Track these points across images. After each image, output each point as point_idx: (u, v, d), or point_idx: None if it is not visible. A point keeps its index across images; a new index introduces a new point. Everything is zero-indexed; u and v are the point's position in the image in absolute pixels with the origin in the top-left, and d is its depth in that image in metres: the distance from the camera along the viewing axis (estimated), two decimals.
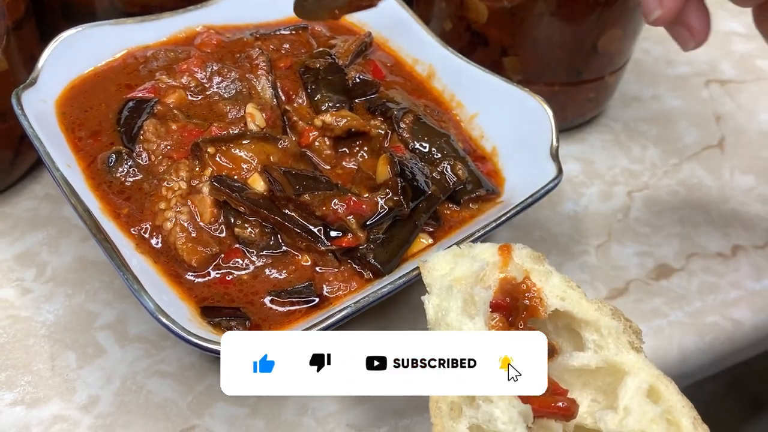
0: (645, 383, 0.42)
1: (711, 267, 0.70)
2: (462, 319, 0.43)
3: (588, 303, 0.45)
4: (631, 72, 0.89)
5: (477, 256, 0.47)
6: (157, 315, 0.45)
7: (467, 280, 0.45)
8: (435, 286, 0.45)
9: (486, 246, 0.47)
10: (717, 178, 0.80)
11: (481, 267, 0.46)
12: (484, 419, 0.40)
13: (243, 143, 0.56)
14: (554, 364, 0.44)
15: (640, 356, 0.43)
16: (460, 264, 0.46)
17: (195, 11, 0.68)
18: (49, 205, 0.67)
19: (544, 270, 0.46)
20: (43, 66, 0.59)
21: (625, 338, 0.44)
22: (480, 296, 0.44)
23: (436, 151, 0.62)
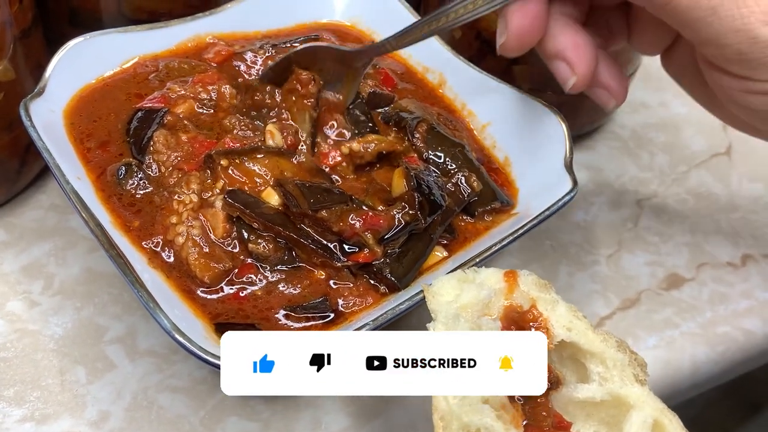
0: (650, 417, 0.42)
1: (721, 277, 0.70)
2: None
3: (594, 334, 0.44)
4: (639, 79, 0.89)
5: (483, 282, 0.46)
6: (174, 334, 0.44)
7: (473, 309, 0.45)
8: (441, 313, 0.45)
9: (491, 272, 0.47)
10: (725, 186, 0.80)
11: (487, 295, 0.45)
12: None
13: (257, 157, 0.55)
14: (558, 396, 0.44)
15: (644, 389, 0.43)
16: (466, 291, 0.46)
17: (203, 18, 0.67)
18: (56, 215, 0.66)
19: (550, 299, 0.46)
20: (50, 75, 0.58)
21: (630, 371, 0.44)
22: (488, 327, 0.43)
23: (451, 161, 0.62)
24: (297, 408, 0.56)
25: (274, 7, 0.70)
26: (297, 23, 0.71)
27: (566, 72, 0.54)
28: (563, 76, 0.54)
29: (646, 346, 0.64)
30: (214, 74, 0.63)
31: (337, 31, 0.72)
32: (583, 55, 0.53)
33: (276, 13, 0.70)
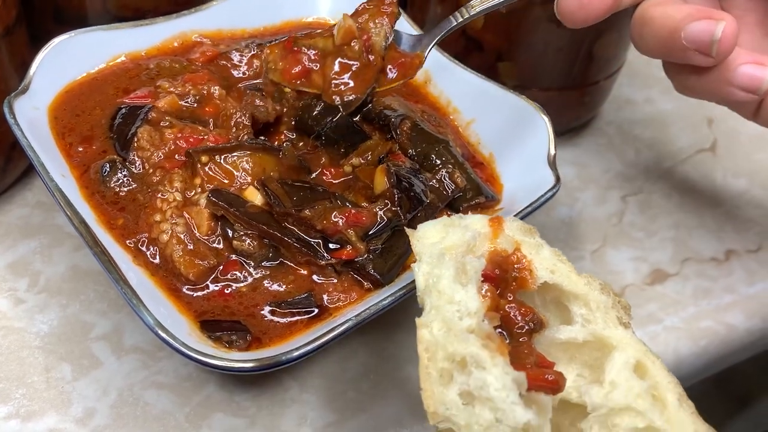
0: (632, 358, 0.42)
1: (705, 272, 0.71)
2: (454, 287, 0.42)
3: (577, 277, 0.45)
4: (625, 75, 0.89)
5: (468, 226, 0.46)
6: (157, 330, 0.44)
7: (458, 249, 0.45)
8: (425, 254, 0.45)
9: (477, 217, 0.47)
10: (710, 182, 0.80)
11: (472, 237, 0.45)
12: (476, 386, 0.39)
13: (239, 154, 0.56)
14: (541, 338, 0.44)
15: (628, 332, 0.43)
16: (452, 233, 0.46)
17: (188, 16, 0.67)
18: (41, 213, 0.66)
19: (534, 242, 0.46)
20: (35, 73, 0.58)
21: (613, 313, 0.44)
22: (472, 265, 0.43)
23: (435, 157, 0.62)
24: (283, 404, 0.56)
25: (259, 5, 0.70)
26: (282, 21, 0.71)
27: (707, 26, 0.49)
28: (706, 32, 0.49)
29: None
30: (204, 74, 0.63)
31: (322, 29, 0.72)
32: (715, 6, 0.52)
33: (261, 11, 0.70)
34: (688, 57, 0.52)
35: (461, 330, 0.40)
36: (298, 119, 0.62)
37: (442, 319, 0.41)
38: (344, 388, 0.57)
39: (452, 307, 0.41)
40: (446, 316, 0.41)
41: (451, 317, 0.41)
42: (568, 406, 0.43)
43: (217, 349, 0.47)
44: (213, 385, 0.56)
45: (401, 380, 0.58)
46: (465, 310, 0.41)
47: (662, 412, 0.40)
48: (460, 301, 0.41)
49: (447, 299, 0.42)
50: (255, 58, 0.67)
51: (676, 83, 0.58)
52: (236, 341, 0.48)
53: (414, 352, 0.59)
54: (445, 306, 0.41)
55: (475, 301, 0.41)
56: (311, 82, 0.59)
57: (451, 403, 0.39)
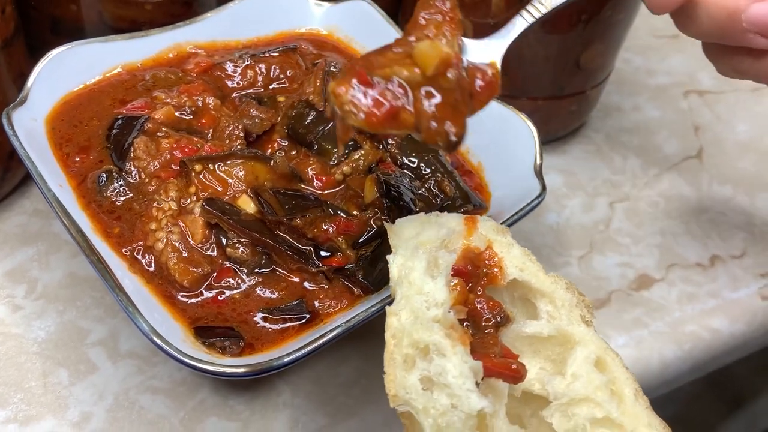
0: (593, 354, 0.44)
1: (690, 277, 0.72)
2: (424, 278, 0.44)
3: (545, 276, 0.47)
4: (613, 82, 0.91)
5: (444, 223, 0.48)
6: (152, 337, 0.45)
7: (433, 244, 0.47)
8: (401, 247, 0.47)
9: (453, 216, 0.49)
10: (696, 188, 0.82)
11: (447, 233, 0.47)
12: (436, 372, 0.41)
13: (232, 162, 0.57)
14: (508, 332, 0.45)
15: (590, 329, 0.45)
16: (427, 229, 0.48)
17: (183, 27, 0.68)
18: (39, 221, 0.67)
19: (506, 241, 0.48)
20: (32, 84, 0.59)
21: (577, 312, 0.46)
22: (444, 259, 0.45)
23: (425, 166, 0.63)
24: (275, 408, 0.57)
25: (253, 16, 0.71)
26: (275, 32, 0.73)
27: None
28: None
29: (615, 345, 0.66)
30: (199, 85, 0.65)
31: (315, 40, 0.73)
32: None
33: (255, 22, 0.72)
34: (747, 40, 0.51)
35: (427, 319, 0.42)
36: (290, 127, 0.64)
37: (411, 308, 0.43)
38: (336, 393, 0.59)
39: (421, 298, 0.43)
40: (415, 305, 0.43)
41: (419, 307, 0.43)
42: (530, 397, 0.45)
43: (210, 354, 0.48)
44: (207, 389, 0.57)
45: None
46: (432, 301, 0.43)
47: (619, 404, 0.43)
48: (428, 292, 0.44)
49: (417, 290, 0.44)
50: (248, 68, 0.69)
51: (722, 66, 0.57)
52: (229, 347, 0.50)
53: None
54: (415, 296, 0.44)
55: (443, 292, 0.43)
56: (401, 122, 0.44)
57: (412, 387, 0.41)
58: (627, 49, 0.98)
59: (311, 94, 0.66)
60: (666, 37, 1.02)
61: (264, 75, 0.69)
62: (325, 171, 0.62)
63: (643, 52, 0.99)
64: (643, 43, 1.00)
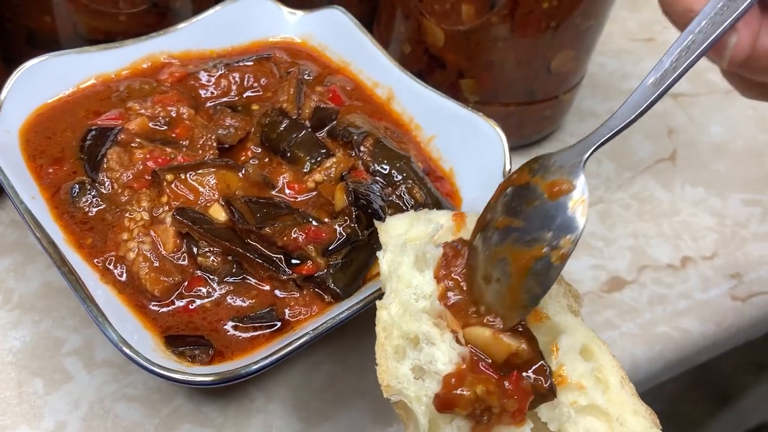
0: (579, 342, 0.44)
1: (661, 279, 0.74)
2: (412, 272, 0.46)
3: None
4: (587, 87, 0.92)
5: (432, 219, 0.50)
6: (122, 347, 0.46)
7: (421, 240, 0.48)
8: (390, 243, 0.48)
9: (442, 212, 0.50)
10: (669, 190, 0.83)
11: (435, 229, 0.49)
12: (426, 360, 0.42)
13: (203, 171, 0.58)
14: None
15: (577, 319, 0.46)
16: (416, 225, 0.49)
17: (157, 38, 0.69)
18: (15, 231, 0.67)
19: None
20: (6, 97, 0.60)
21: (564, 301, 0.47)
22: (431, 253, 0.47)
23: (396, 173, 0.64)
24: (249, 413, 0.58)
25: (227, 26, 0.72)
26: (250, 41, 0.74)
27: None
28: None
29: None
30: (173, 95, 0.65)
31: (289, 48, 0.74)
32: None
33: (229, 31, 0.72)
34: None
35: (416, 310, 0.44)
36: (264, 135, 0.65)
37: (400, 301, 0.45)
38: (309, 398, 0.60)
39: (410, 291, 0.45)
40: (404, 298, 0.45)
41: (408, 299, 0.45)
42: None
43: (180, 363, 0.49)
44: (181, 397, 0.58)
45: (364, 389, 0.60)
46: (421, 293, 0.45)
47: (605, 392, 0.43)
48: (417, 285, 0.45)
49: (405, 283, 0.45)
50: (222, 77, 0.70)
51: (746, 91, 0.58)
52: (199, 355, 0.50)
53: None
54: (404, 290, 0.45)
55: (430, 285, 0.45)
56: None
57: (404, 377, 0.42)
58: (601, 53, 0.99)
59: (285, 102, 0.67)
60: (640, 40, 1.03)
61: (238, 84, 0.70)
62: (297, 179, 0.62)
63: (617, 56, 1.00)
64: (617, 47, 1.01)
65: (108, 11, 0.69)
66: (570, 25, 0.71)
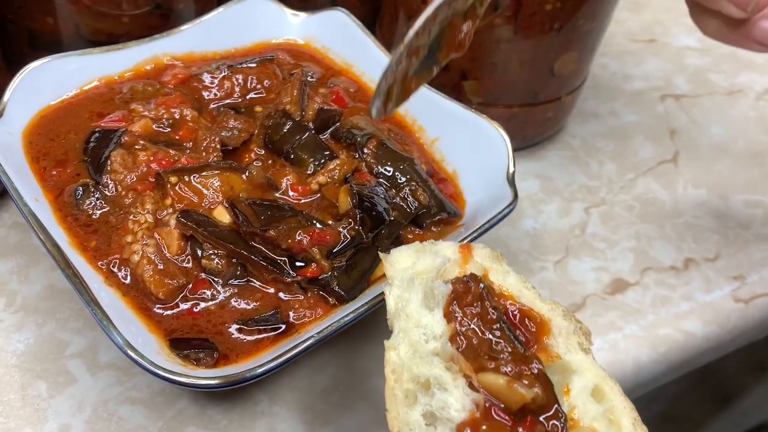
0: (590, 383, 0.44)
1: (664, 280, 0.74)
2: (421, 311, 0.45)
3: (542, 303, 0.47)
4: (590, 88, 0.92)
5: (439, 252, 0.48)
6: (126, 350, 0.46)
7: (428, 274, 0.47)
8: (397, 278, 0.47)
9: (448, 244, 0.49)
10: (671, 192, 0.83)
11: (442, 262, 0.47)
12: (438, 406, 0.41)
13: (207, 173, 0.58)
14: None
15: (588, 357, 0.45)
16: (423, 259, 0.48)
17: (160, 40, 0.69)
18: (18, 233, 0.67)
19: (502, 269, 0.48)
20: (9, 99, 0.60)
21: (575, 339, 0.46)
22: (439, 290, 0.45)
23: (400, 175, 0.64)
24: (253, 417, 0.58)
25: (230, 26, 0.72)
26: (252, 43, 0.74)
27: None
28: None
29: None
30: (177, 97, 0.65)
31: (292, 50, 0.74)
32: None
33: (232, 32, 0.72)
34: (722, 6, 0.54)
35: (426, 352, 0.43)
36: (267, 137, 0.64)
37: (409, 342, 0.43)
38: (313, 401, 0.60)
39: (419, 331, 0.44)
40: (413, 339, 0.43)
41: (418, 340, 0.43)
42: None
43: (184, 366, 0.49)
44: (185, 399, 0.58)
45: (368, 392, 0.60)
46: (431, 333, 0.44)
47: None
48: (426, 325, 0.44)
49: (414, 322, 0.44)
50: (226, 79, 0.70)
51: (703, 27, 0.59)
52: (203, 358, 0.50)
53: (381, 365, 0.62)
54: (413, 329, 0.44)
55: (440, 324, 0.44)
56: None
57: (415, 423, 0.41)
58: (603, 55, 0.99)
59: (288, 103, 0.67)
60: (642, 41, 1.03)
61: (241, 86, 0.70)
62: (301, 181, 0.62)
63: (619, 57, 1.00)
64: (619, 48, 1.02)
65: (111, 13, 0.68)
66: (573, 27, 0.71)
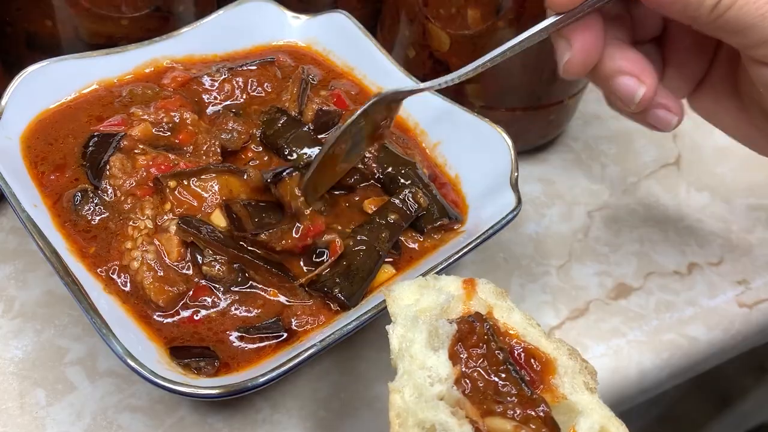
0: (597, 424, 0.43)
1: (668, 285, 0.73)
2: (426, 352, 0.44)
3: (547, 341, 0.46)
4: (591, 90, 0.91)
5: (442, 288, 0.48)
6: (126, 359, 0.45)
7: (432, 312, 0.46)
8: (400, 316, 0.46)
9: (451, 279, 0.49)
10: (674, 196, 0.83)
11: (446, 300, 0.47)
12: None
13: (206, 177, 0.57)
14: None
15: (594, 397, 0.45)
16: (426, 295, 0.47)
17: (160, 42, 0.68)
18: (16, 238, 0.67)
19: (506, 306, 0.48)
20: (7, 103, 0.59)
21: (580, 378, 0.45)
22: (444, 329, 0.45)
23: (401, 178, 0.64)
24: (255, 424, 0.57)
25: (230, 30, 0.71)
26: (253, 45, 0.73)
27: (633, 85, 0.55)
28: (630, 89, 0.55)
29: (594, 354, 0.66)
30: (176, 100, 0.65)
31: (293, 52, 0.73)
32: (645, 67, 0.55)
33: (232, 35, 0.72)
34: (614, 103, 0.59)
35: (432, 396, 0.42)
36: (262, 133, 0.64)
37: (414, 384, 0.43)
38: (315, 408, 0.59)
39: (423, 373, 0.43)
40: (417, 381, 0.43)
41: (422, 383, 0.42)
42: None
43: (185, 375, 0.48)
44: (186, 407, 0.57)
45: (370, 399, 0.60)
46: (436, 376, 0.43)
47: None
48: (431, 367, 0.43)
49: (419, 364, 0.43)
50: (226, 82, 0.69)
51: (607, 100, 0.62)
52: (204, 367, 0.50)
53: (382, 372, 0.61)
54: (417, 371, 0.43)
55: (446, 367, 0.43)
56: None
57: None
58: None
59: (287, 101, 0.67)
60: None
61: (241, 88, 0.69)
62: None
63: None
64: None
65: (110, 15, 0.68)
66: None
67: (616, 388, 0.66)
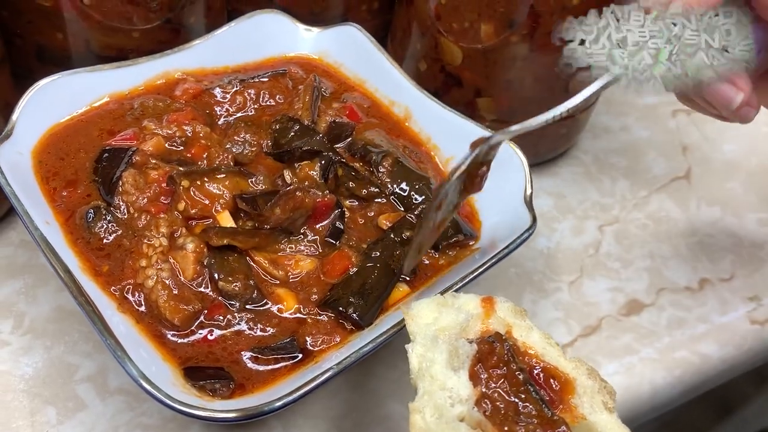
0: None
1: (679, 301, 0.73)
2: (447, 372, 0.44)
3: (566, 361, 0.46)
4: (601, 102, 0.91)
5: (461, 307, 0.48)
6: (141, 382, 0.45)
7: (452, 331, 0.46)
8: (419, 335, 0.46)
9: (470, 297, 0.49)
10: (684, 210, 0.82)
11: (465, 319, 0.47)
12: None
13: (218, 177, 0.57)
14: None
15: (612, 416, 0.45)
16: (445, 314, 0.47)
17: (171, 55, 0.68)
18: (26, 252, 0.66)
19: (525, 325, 0.48)
20: (18, 117, 0.59)
21: (599, 398, 0.45)
22: (464, 349, 0.45)
23: (416, 194, 0.63)
24: None
25: (242, 42, 0.71)
26: (265, 57, 0.72)
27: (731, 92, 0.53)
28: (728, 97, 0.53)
29: (606, 372, 0.66)
30: (188, 113, 0.64)
31: (305, 64, 0.73)
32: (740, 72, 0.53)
33: (244, 47, 0.71)
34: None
35: (452, 417, 0.42)
36: (274, 141, 0.64)
37: (434, 405, 0.42)
38: (327, 427, 0.58)
39: (444, 393, 0.43)
40: (438, 402, 0.42)
41: (443, 403, 0.42)
42: None
43: (200, 397, 0.48)
44: (197, 426, 0.57)
45: (383, 417, 0.59)
46: (456, 397, 0.43)
47: None
48: (452, 388, 0.43)
49: (439, 385, 0.43)
50: (238, 94, 0.69)
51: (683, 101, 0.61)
52: (219, 389, 0.49)
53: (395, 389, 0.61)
54: (438, 392, 0.43)
55: (466, 387, 0.43)
56: None
57: None
58: None
59: (300, 110, 0.67)
60: None
61: (253, 100, 0.69)
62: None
63: None
64: None
65: (121, 28, 0.67)
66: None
67: (628, 406, 0.66)
